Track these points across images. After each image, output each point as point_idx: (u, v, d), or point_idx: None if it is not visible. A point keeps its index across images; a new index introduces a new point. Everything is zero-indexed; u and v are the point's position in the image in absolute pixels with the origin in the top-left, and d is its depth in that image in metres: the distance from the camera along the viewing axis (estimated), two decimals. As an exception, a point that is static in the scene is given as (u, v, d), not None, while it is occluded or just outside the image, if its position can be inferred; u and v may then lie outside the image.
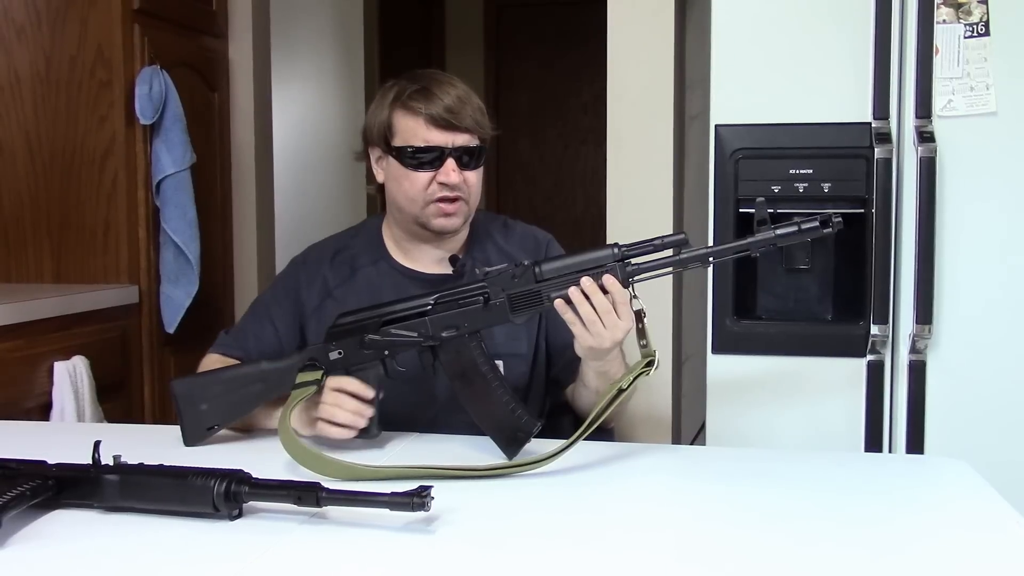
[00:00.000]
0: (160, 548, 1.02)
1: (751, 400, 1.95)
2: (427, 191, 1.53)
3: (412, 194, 1.54)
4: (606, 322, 1.31)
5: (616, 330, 1.31)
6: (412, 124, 1.53)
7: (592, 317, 1.30)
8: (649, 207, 2.45)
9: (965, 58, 1.81)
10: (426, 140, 1.52)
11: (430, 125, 1.52)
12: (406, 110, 1.54)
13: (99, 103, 2.54)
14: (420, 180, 1.53)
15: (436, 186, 1.53)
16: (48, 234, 2.59)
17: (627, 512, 1.15)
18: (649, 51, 2.45)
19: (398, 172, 1.56)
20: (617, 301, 1.30)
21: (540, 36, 5.30)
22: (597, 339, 1.32)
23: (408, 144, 1.53)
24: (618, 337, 1.33)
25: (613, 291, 1.30)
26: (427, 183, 1.53)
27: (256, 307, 1.67)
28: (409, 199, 1.55)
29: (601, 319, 1.30)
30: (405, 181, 1.54)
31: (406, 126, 1.54)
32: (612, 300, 1.30)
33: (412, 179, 1.54)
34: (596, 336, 1.31)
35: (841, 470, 1.33)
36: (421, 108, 1.52)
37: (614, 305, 1.30)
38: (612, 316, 1.31)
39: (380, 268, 1.63)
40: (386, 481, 1.17)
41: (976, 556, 0.99)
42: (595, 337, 1.32)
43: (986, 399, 1.85)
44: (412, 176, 1.54)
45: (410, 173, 1.54)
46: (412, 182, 1.54)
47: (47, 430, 1.93)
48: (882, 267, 1.84)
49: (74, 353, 2.29)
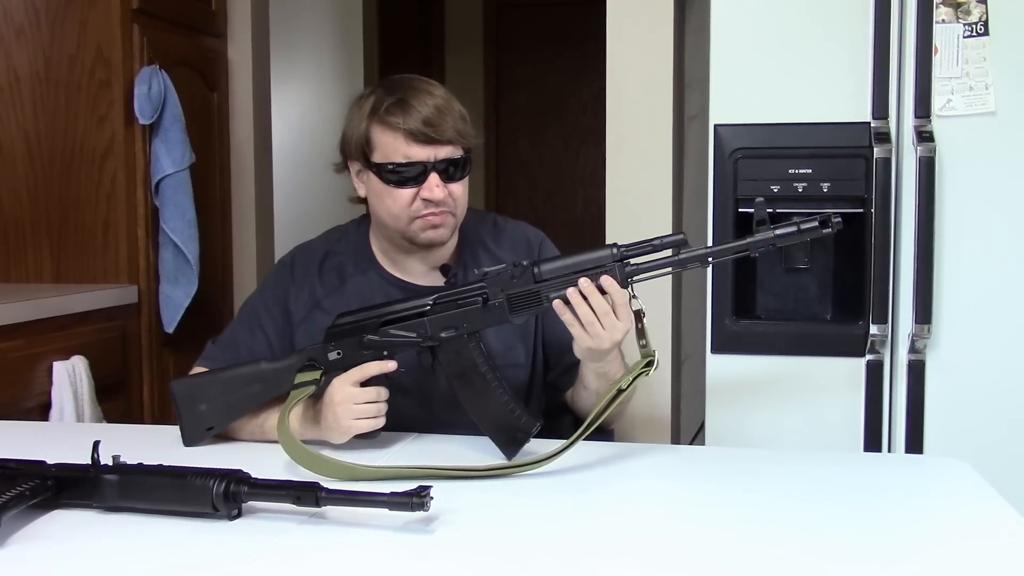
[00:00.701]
0: (159, 548, 1.02)
1: (750, 400, 1.95)
2: (411, 207, 1.47)
3: (396, 211, 1.49)
4: (604, 323, 1.30)
5: (615, 331, 1.31)
6: (391, 140, 1.46)
7: (590, 318, 1.30)
8: (648, 207, 2.45)
9: (964, 58, 1.81)
10: (407, 156, 1.46)
11: (410, 140, 1.45)
12: (384, 125, 1.47)
13: (98, 103, 2.54)
14: (403, 197, 1.47)
15: (420, 202, 1.47)
16: (47, 234, 2.59)
17: (626, 512, 1.15)
18: (648, 51, 2.45)
19: (380, 188, 1.49)
20: (616, 302, 1.30)
21: (540, 36, 5.30)
22: (596, 340, 1.31)
23: (388, 160, 1.47)
24: (617, 338, 1.32)
25: (612, 292, 1.30)
26: (410, 200, 1.47)
27: (246, 315, 1.61)
28: (393, 216, 1.50)
29: (600, 320, 1.30)
30: (388, 198, 1.49)
31: (385, 142, 1.47)
32: (611, 301, 1.30)
33: (395, 196, 1.48)
34: (595, 337, 1.31)
35: (840, 470, 1.33)
36: (399, 123, 1.45)
37: (613, 306, 1.30)
38: (611, 317, 1.30)
39: (370, 277, 1.59)
40: (385, 481, 1.17)
41: (976, 555, 0.99)
42: (594, 338, 1.31)
43: (985, 399, 1.85)
44: (395, 193, 1.47)
45: (392, 190, 1.47)
46: (395, 199, 1.48)
47: (46, 430, 1.93)
48: (881, 267, 1.84)
49: (73, 353, 2.29)
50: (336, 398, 1.35)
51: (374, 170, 1.50)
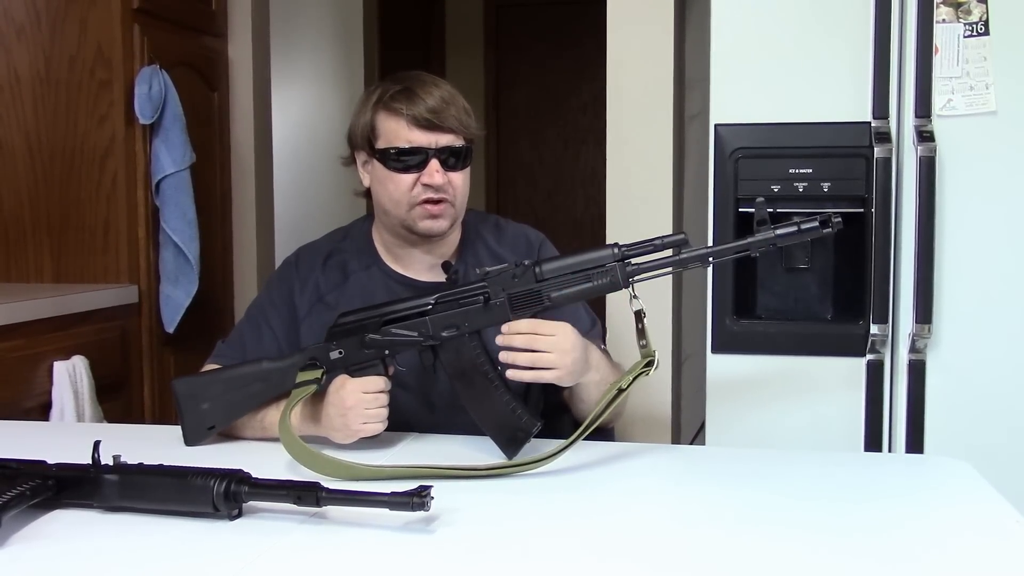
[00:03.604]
0: (160, 548, 1.02)
1: (751, 400, 1.95)
2: (412, 193, 1.51)
3: (397, 196, 1.52)
4: (543, 361, 1.32)
5: (560, 358, 1.33)
6: (395, 126, 1.51)
7: (531, 357, 1.32)
8: (649, 207, 2.45)
9: (965, 57, 1.81)
10: (409, 141, 1.50)
11: (413, 126, 1.50)
12: (388, 111, 1.52)
13: (99, 103, 2.54)
14: (404, 182, 1.51)
15: (420, 188, 1.51)
16: (48, 234, 2.59)
17: (626, 512, 1.15)
18: (649, 50, 2.44)
19: (382, 175, 1.54)
20: (536, 335, 1.32)
21: (540, 36, 5.30)
22: (555, 374, 1.34)
23: (391, 146, 1.51)
24: (567, 362, 1.34)
25: (520, 329, 1.32)
26: (411, 185, 1.51)
27: (252, 314, 1.64)
28: (394, 202, 1.53)
29: (537, 355, 1.32)
30: (390, 183, 1.53)
31: (389, 128, 1.52)
32: (529, 337, 1.32)
33: (396, 181, 1.52)
34: (552, 371, 1.33)
35: (841, 470, 1.33)
36: (403, 109, 1.50)
37: (532, 343, 1.32)
38: (539, 354, 1.32)
39: (372, 273, 1.61)
40: (386, 481, 1.17)
41: (976, 554, 0.99)
42: (552, 372, 1.34)
43: (986, 398, 1.85)
44: (396, 178, 1.52)
45: (394, 175, 1.52)
46: (396, 184, 1.52)
47: (47, 430, 1.93)
48: (882, 266, 1.84)
49: (74, 353, 2.29)
50: (348, 402, 1.36)
51: (378, 156, 1.54)
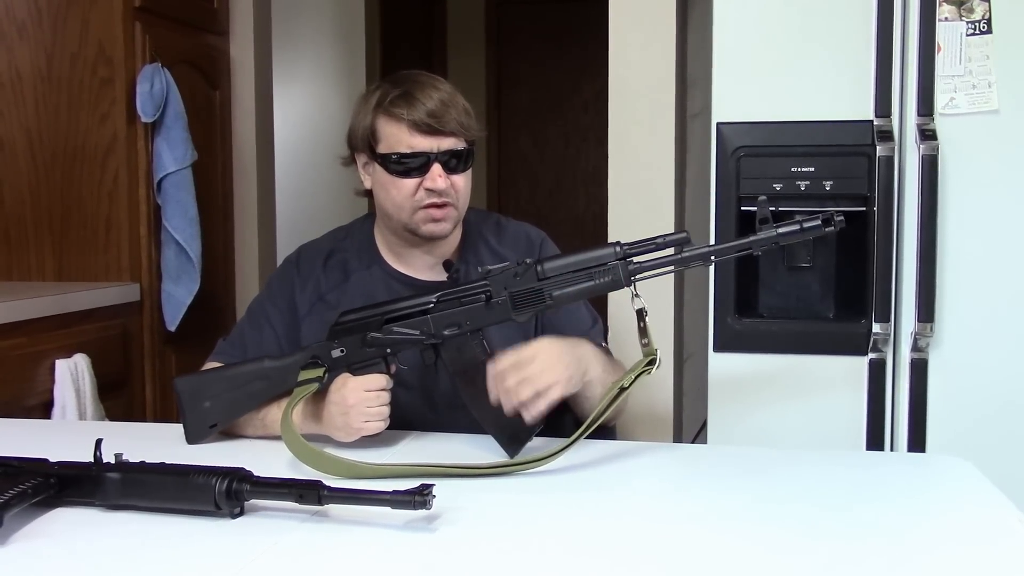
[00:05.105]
0: (161, 546, 1.02)
1: (752, 398, 1.95)
2: (414, 198, 1.51)
3: (399, 201, 1.52)
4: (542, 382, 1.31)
5: (554, 371, 1.32)
6: (395, 130, 1.50)
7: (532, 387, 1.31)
8: (651, 205, 2.45)
9: (967, 56, 1.81)
10: (411, 146, 1.49)
11: (413, 131, 1.49)
12: (389, 116, 1.50)
13: (100, 101, 2.54)
14: (407, 187, 1.50)
15: (423, 192, 1.50)
16: (49, 232, 2.59)
17: (628, 511, 1.15)
18: (650, 49, 2.44)
19: (384, 179, 1.53)
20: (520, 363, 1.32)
21: (541, 34, 5.29)
22: (559, 387, 1.32)
23: (393, 151, 1.50)
24: (561, 370, 1.33)
25: (505, 367, 1.32)
26: (414, 190, 1.50)
27: (253, 312, 1.64)
28: (397, 206, 1.53)
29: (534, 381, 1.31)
30: (392, 188, 1.52)
31: (390, 132, 1.51)
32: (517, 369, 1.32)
33: (399, 186, 1.51)
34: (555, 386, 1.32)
35: (843, 469, 1.33)
36: (404, 114, 1.48)
37: (522, 372, 1.31)
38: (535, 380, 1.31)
39: (373, 272, 1.61)
40: (388, 479, 1.17)
41: (978, 554, 0.99)
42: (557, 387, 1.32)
43: (988, 397, 1.85)
44: (399, 183, 1.51)
45: (396, 180, 1.51)
46: (399, 189, 1.51)
47: (48, 428, 1.93)
48: (884, 265, 1.84)
49: (75, 351, 2.29)
50: (350, 400, 1.36)
51: (379, 161, 1.53)
